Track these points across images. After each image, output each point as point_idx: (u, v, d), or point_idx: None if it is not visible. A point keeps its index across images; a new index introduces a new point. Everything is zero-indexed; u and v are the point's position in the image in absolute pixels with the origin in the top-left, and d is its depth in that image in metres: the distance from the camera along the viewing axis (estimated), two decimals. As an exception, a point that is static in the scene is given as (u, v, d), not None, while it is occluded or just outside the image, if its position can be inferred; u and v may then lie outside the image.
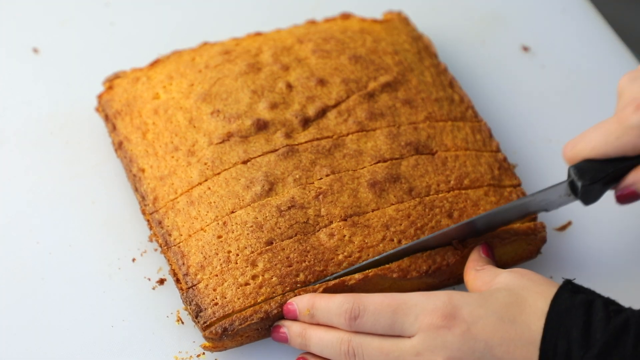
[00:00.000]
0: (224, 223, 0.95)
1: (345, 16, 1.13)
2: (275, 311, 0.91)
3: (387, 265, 0.93)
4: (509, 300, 0.84)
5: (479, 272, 0.91)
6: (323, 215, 0.95)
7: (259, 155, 0.98)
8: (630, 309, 0.82)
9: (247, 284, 0.92)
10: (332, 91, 1.03)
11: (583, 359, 0.80)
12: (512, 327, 0.83)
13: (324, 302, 0.89)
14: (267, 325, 0.92)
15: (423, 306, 0.85)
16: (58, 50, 1.15)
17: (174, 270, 0.94)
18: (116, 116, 1.04)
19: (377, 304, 0.87)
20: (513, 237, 0.96)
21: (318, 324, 0.90)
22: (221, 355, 0.93)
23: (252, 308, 0.91)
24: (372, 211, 0.96)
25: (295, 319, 0.91)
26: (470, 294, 0.86)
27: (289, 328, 0.91)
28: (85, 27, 1.17)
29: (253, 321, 0.91)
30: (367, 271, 0.92)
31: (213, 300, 0.91)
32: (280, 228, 0.94)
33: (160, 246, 0.96)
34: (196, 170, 0.98)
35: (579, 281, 0.87)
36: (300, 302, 0.90)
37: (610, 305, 0.83)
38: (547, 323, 0.82)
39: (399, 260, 0.93)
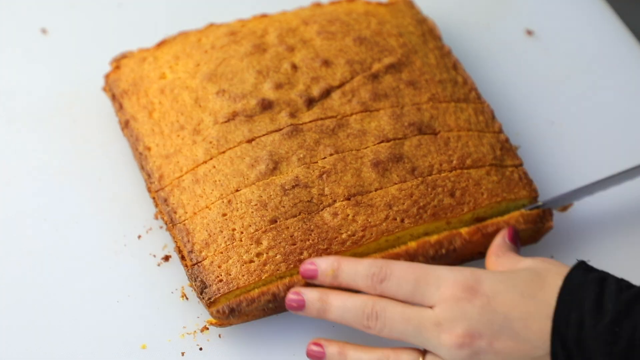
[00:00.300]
0: (229, 201, 0.95)
1: (351, -1, 1.13)
2: (282, 293, 0.91)
3: (394, 250, 0.94)
4: (529, 278, 0.86)
5: (500, 258, 0.92)
6: (327, 195, 0.95)
7: (264, 135, 0.98)
8: None
9: (251, 261, 0.92)
10: (336, 72, 1.03)
11: (595, 328, 0.81)
12: (531, 302, 0.84)
13: (351, 264, 0.89)
14: (274, 305, 0.92)
15: (446, 278, 0.87)
16: (66, 31, 1.15)
17: (179, 247, 0.95)
18: (123, 95, 1.04)
19: (402, 270, 0.88)
20: (522, 225, 0.97)
21: (337, 289, 0.90)
22: (224, 331, 0.94)
23: (259, 289, 0.92)
24: (375, 190, 0.96)
25: (312, 278, 0.90)
26: (493, 271, 0.88)
27: (306, 294, 0.90)
28: (93, 8, 1.17)
29: (260, 303, 0.91)
30: (373, 254, 0.93)
31: (218, 277, 0.92)
32: (284, 207, 0.95)
33: (166, 223, 0.97)
34: (201, 149, 0.98)
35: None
36: (323, 262, 0.90)
37: (622, 281, 0.84)
38: (560, 296, 0.84)
39: (406, 245, 0.94)
